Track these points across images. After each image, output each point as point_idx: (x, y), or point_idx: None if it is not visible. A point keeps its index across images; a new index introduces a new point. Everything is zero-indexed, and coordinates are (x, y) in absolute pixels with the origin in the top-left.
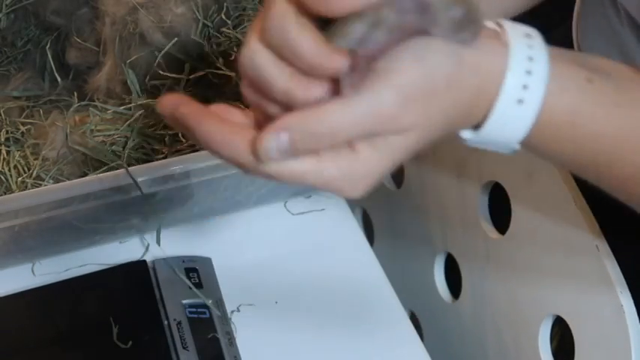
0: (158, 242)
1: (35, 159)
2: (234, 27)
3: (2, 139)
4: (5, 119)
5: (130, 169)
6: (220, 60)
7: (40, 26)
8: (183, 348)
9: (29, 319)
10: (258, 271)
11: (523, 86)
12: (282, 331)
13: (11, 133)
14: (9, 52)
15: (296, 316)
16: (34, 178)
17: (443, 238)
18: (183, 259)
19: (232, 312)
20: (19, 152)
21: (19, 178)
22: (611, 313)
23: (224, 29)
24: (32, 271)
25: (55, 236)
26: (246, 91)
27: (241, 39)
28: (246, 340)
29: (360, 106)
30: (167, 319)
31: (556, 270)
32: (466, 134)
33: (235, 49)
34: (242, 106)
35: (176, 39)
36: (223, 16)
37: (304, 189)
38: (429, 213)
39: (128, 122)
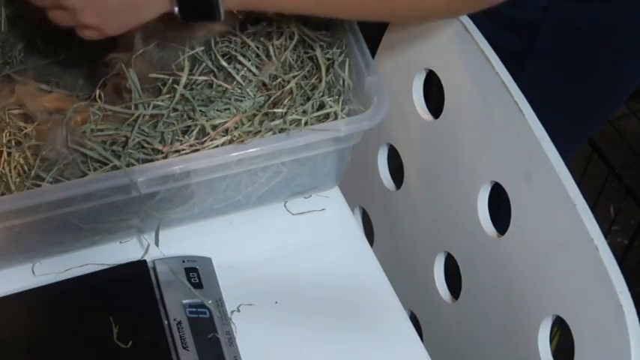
0: (156, 243)
1: (35, 160)
2: None
3: (4, 141)
4: (9, 122)
5: (130, 169)
6: None
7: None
8: (183, 348)
9: (29, 319)
10: (258, 271)
11: None
12: (282, 331)
13: (14, 135)
14: (8, 56)
15: (296, 316)
16: (33, 178)
17: (442, 238)
18: (183, 259)
19: (232, 312)
20: (18, 153)
21: (18, 179)
22: (611, 313)
23: None
24: (32, 271)
25: (55, 236)
26: None
27: None
28: (246, 340)
29: None
30: (167, 319)
31: (556, 270)
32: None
33: None
34: None
35: None
36: None
37: (304, 189)
38: (429, 213)
39: (128, 122)
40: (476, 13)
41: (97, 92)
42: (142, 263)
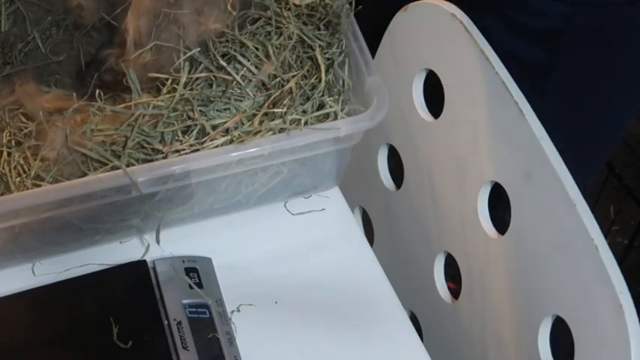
0: (157, 241)
1: (35, 160)
2: None
3: (4, 141)
4: (9, 122)
5: (129, 169)
6: None
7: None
8: (184, 348)
9: (29, 319)
10: (258, 271)
11: None
12: (282, 331)
13: (14, 135)
14: (8, 56)
15: (296, 316)
16: (33, 179)
17: (442, 238)
18: (183, 259)
19: (232, 312)
20: (18, 153)
21: (18, 179)
22: (611, 313)
23: None
24: (32, 271)
25: (55, 236)
26: None
27: None
28: (246, 340)
29: None
30: (167, 319)
31: (556, 270)
32: None
33: None
34: None
35: None
36: None
37: (304, 189)
38: (429, 213)
39: (128, 122)
40: (493, 23)
41: (97, 92)
42: (142, 263)
